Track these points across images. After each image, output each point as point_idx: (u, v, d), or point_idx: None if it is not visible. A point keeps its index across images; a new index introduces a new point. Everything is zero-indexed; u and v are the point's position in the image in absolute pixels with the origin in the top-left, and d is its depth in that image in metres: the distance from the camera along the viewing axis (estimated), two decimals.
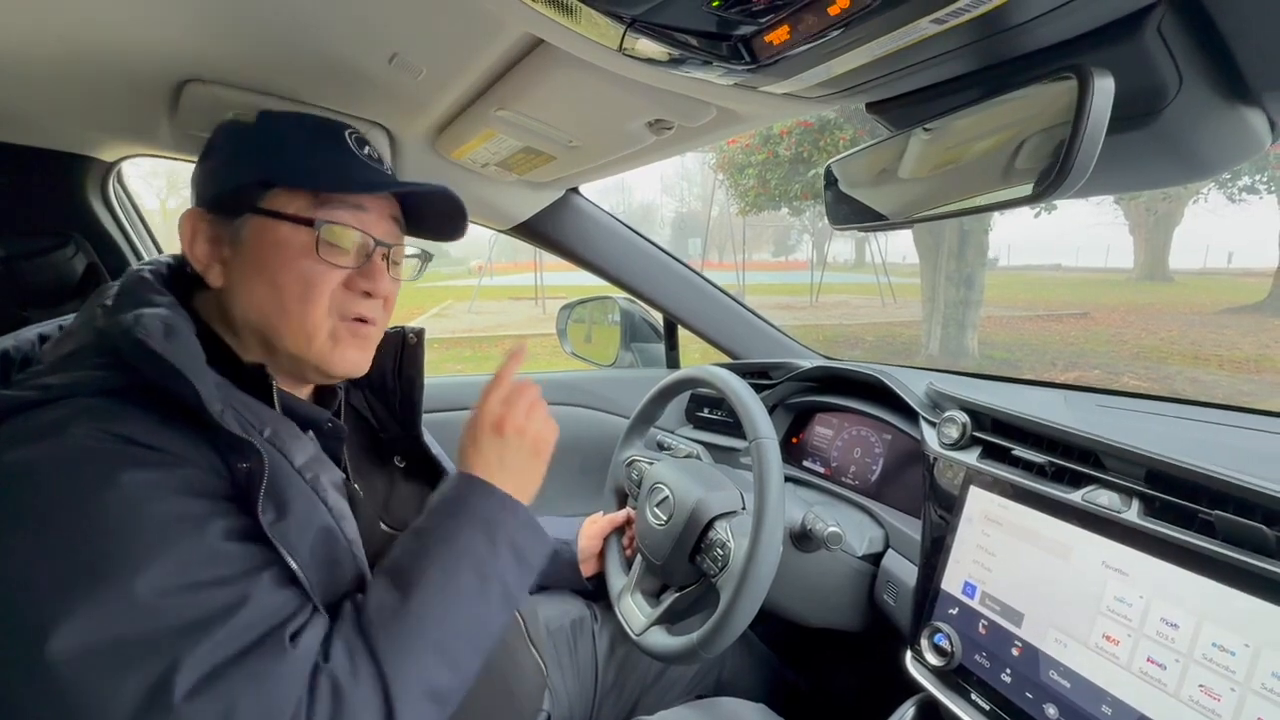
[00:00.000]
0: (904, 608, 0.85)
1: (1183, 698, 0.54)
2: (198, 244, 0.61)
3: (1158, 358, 7.88)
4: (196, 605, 0.45)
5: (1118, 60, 0.46)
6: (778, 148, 7.81)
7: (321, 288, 0.61)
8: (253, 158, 0.62)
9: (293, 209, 0.60)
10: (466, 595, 0.57)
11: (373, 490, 0.73)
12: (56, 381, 0.51)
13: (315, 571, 0.54)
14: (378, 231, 0.64)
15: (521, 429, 0.69)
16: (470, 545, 0.59)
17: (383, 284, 0.65)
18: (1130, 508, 0.63)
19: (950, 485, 0.82)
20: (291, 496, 0.54)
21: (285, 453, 0.57)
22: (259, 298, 0.60)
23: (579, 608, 1.04)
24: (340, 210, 0.61)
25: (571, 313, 1.75)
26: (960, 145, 0.59)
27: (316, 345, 0.62)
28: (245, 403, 0.57)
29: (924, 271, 7.99)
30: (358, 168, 0.64)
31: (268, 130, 0.64)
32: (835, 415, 1.19)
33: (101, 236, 1.19)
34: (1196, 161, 0.55)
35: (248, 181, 0.60)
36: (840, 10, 0.45)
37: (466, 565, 0.58)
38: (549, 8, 0.53)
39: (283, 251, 0.60)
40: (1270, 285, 10.56)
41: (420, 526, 0.61)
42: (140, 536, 0.45)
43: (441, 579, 0.56)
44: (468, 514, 0.61)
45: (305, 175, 0.61)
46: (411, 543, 0.60)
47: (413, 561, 0.57)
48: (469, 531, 0.60)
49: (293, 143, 0.63)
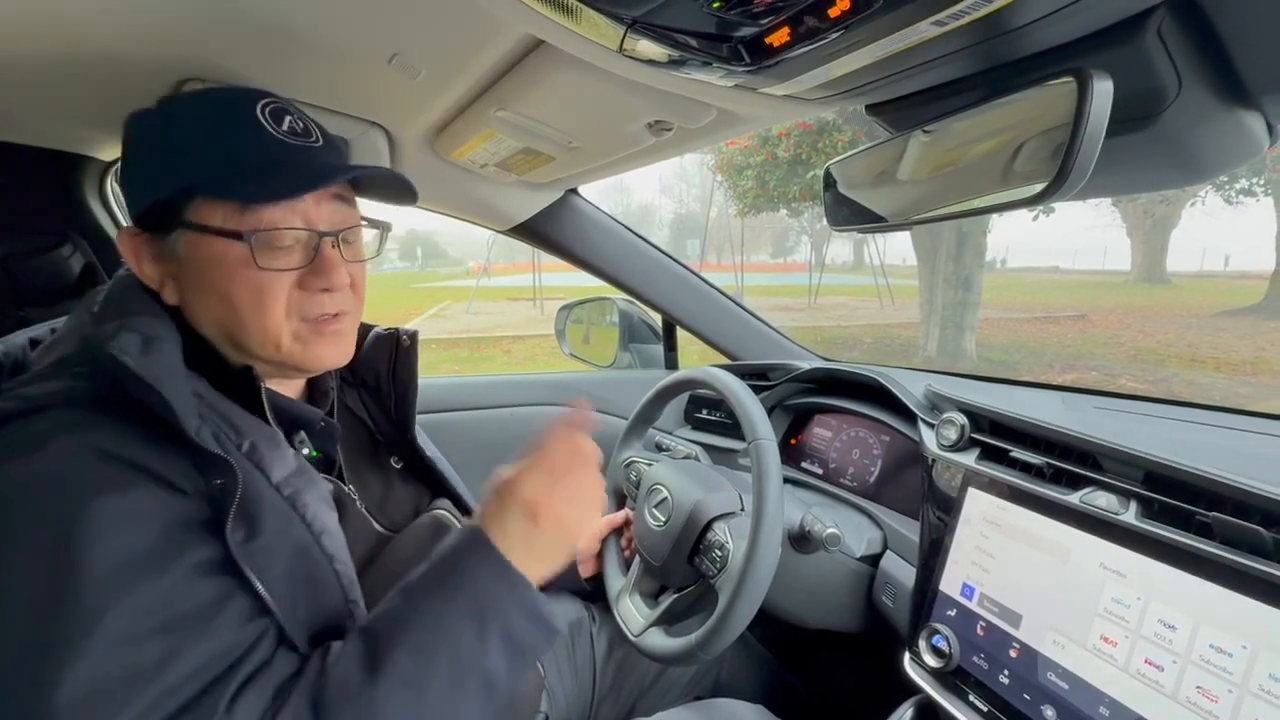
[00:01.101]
0: (902, 609, 0.85)
1: (1180, 699, 0.54)
2: (144, 264, 0.59)
3: (1155, 360, 7.90)
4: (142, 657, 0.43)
5: (1117, 63, 0.46)
6: (776, 149, 7.82)
7: (273, 295, 0.57)
8: (166, 161, 0.57)
9: (218, 220, 0.56)
10: (437, 690, 0.50)
11: (368, 491, 0.72)
12: (37, 392, 0.50)
13: (290, 593, 0.52)
14: (320, 220, 0.59)
15: (561, 519, 0.58)
16: (455, 629, 0.52)
17: (338, 276, 0.60)
18: (1128, 509, 0.63)
19: (948, 487, 0.82)
20: (265, 514, 0.52)
21: (263, 468, 0.55)
22: (214, 312, 0.58)
23: (577, 609, 1.04)
24: (271, 211, 0.56)
25: (570, 314, 1.75)
26: (960, 147, 0.59)
27: (285, 349, 0.60)
28: (227, 413, 0.56)
29: (922, 273, 8.00)
30: (281, 152, 0.58)
31: (174, 124, 0.58)
32: (834, 417, 1.19)
33: (99, 236, 1.19)
34: (1195, 164, 0.55)
35: (169, 193, 0.56)
36: (840, 12, 0.45)
37: (445, 653, 0.51)
38: (549, 8, 0.53)
39: (222, 266, 0.56)
40: (1267, 288, 10.60)
41: (412, 587, 0.55)
42: (99, 582, 0.44)
43: (412, 667, 0.50)
44: (463, 588, 0.54)
45: (223, 181, 0.56)
46: (397, 606, 0.54)
47: (389, 635, 0.51)
48: (458, 613, 0.53)
49: (202, 137, 0.57)
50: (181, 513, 0.49)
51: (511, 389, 1.49)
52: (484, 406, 1.43)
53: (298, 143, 0.59)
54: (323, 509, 0.58)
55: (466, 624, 0.53)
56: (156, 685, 0.43)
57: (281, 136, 0.58)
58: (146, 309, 0.56)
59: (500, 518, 0.58)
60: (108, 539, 0.45)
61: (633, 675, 1.00)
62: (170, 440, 0.50)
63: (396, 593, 0.55)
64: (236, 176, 0.56)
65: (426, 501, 0.80)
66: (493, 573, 0.55)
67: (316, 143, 0.61)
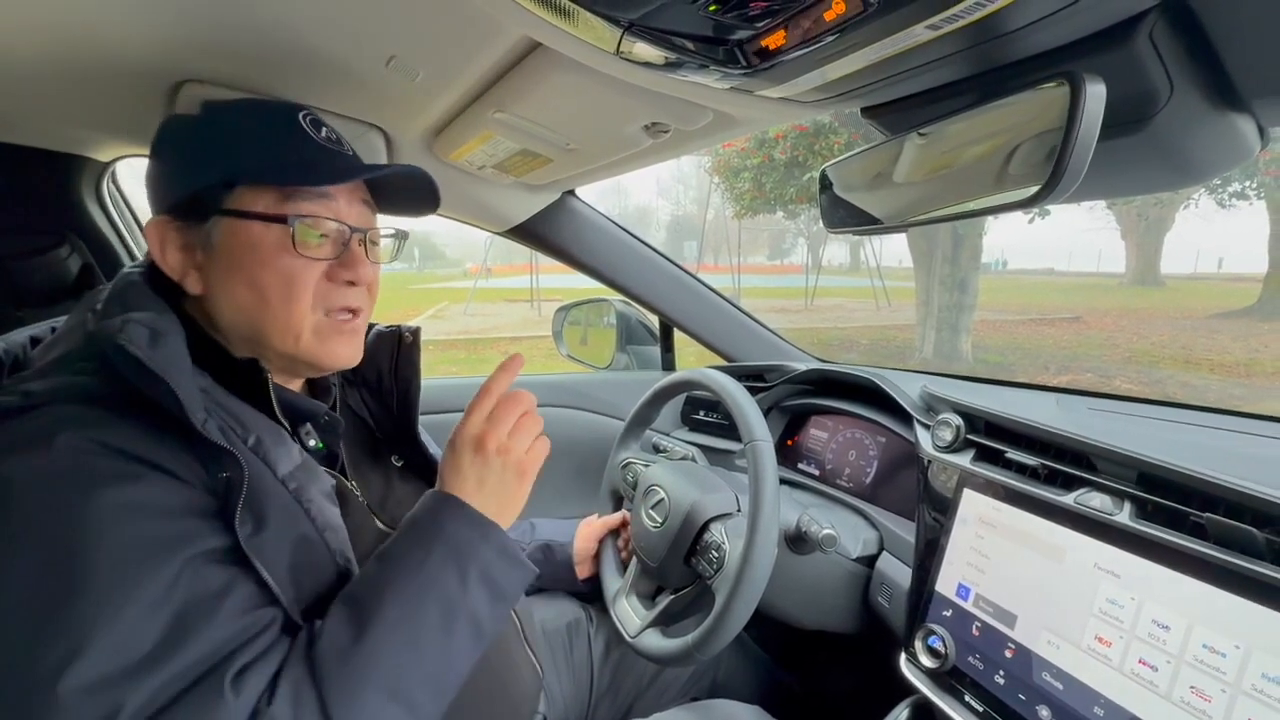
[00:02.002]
0: (898, 610, 0.85)
1: (1174, 699, 0.54)
2: (169, 253, 0.60)
3: (1149, 361, 7.93)
4: (148, 643, 0.44)
5: (1110, 67, 0.46)
6: (773, 151, 7.84)
7: (304, 283, 0.60)
8: (209, 156, 0.59)
9: (260, 206, 0.58)
10: (429, 634, 0.53)
11: (369, 489, 0.73)
12: (40, 387, 0.50)
13: (296, 586, 0.53)
14: (351, 218, 0.63)
15: (505, 448, 0.63)
16: (438, 577, 0.55)
17: (364, 270, 0.63)
18: (1122, 510, 0.63)
19: (944, 488, 0.82)
20: (272, 508, 0.53)
21: (269, 461, 0.56)
22: (241, 300, 0.59)
23: (574, 610, 1.04)
24: (309, 202, 0.60)
25: (567, 315, 1.75)
26: (955, 150, 0.59)
27: (304, 342, 0.61)
28: (232, 408, 0.57)
29: (918, 275, 8.03)
30: (320, 154, 0.62)
31: (218, 124, 0.61)
32: (830, 418, 1.19)
33: (96, 237, 1.19)
34: (1187, 167, 0.56)
35: (209, 183, 0.58)
36: (836, 16, 0.46)
37: (431, 600, 0.54)
38: (547, 11, 0.53)
39: (259, 251, 0.58)
40: (1260, 290, 10.64)
41: (386, 551, 0.57)
42: (106, 571, 0.44)
43: (400, 616, 0.52)
44: (439, 539, 0.57)
45: (268, 170, 0.59)
46: (375, 570, 0.56)
47: (373, 593, 0.53)
48: (437, 561, 0.56)
49: (247, 135, 0.61)
50: (187, 503, 0.50)
51: None
52: None
53: (333, 149, 0.64)
54: (326, 504, 0.59)
55: (448, 571, 0.56)
56: (165, 669, 0.44)
57: (321, 142, 0.63)
58: (152, 304, 0.56)
59: (453, 465, 0.63)
60: (113, 529, 0.46)
61: (630, 676, 1.00)
62: (175, 434, 0.51)
63: (372, 560, 0.57)
64: (281, 167, 0.60)
65: None
66: (459, 520, 0.59)
67: (348, 152, 0.66)
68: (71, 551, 0.44)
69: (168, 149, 0.62)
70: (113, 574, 0.44)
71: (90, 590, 0.44)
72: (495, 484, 0.63)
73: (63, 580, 0.44)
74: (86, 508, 0.45)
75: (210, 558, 0.49)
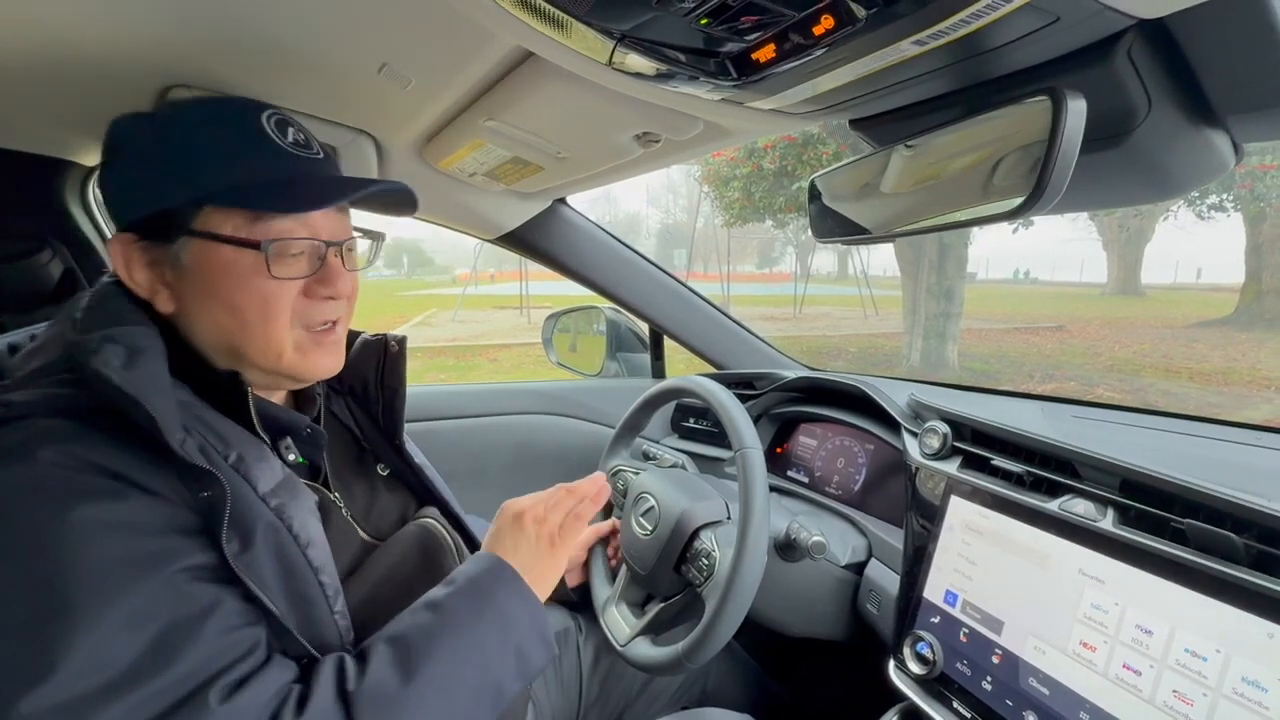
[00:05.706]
0: (886, 617, 0.86)
1: (1157, 703, 0.55)
2: (135, 271, 0.58)
3: (1131, 370, 8.05)
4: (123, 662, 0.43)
5: (1090, 83, 0.47)
6: (762, 161, 7.90)
7: (281, 303, 0.58)
8: (173, 171, 0.56)
9: (230, 229, 0.56)
10: (463, 691, 0.55)
11: (353, 499, 0.72)
12: (19, 399, 0.49)
13: (285, 602, 0.53)
14: (325, 232, 0.60)
15: (540, 519, 0.71)
16: (484, 641, 0.58)
17: (343, 283, 0.62)
18: (1105, 516, 0.64)
19: (931, 495, 0.83)
20: (254, 526, 0.53)
21: (250, 479, 0.55)
22: (218, 320, 0.58)
23: (563, 619, 1.03)
24: (283, 222, 0.57)
25: (557, 322, 1.75)
26: (940, 162, 0.60)
27: (286, 359, 0.60)
28: (212, 423, 0.56)
29: (905, 284, 8.11)
30: (291, 166, 0.59)
31: (177, 131, 0.57)
32: (819, 425, 1.20)
33: (79, 242, 1.17)
34: (1165, 181, 0.57)
35: (175, 205, 0.56)
36: (825, 30, 0.46)
37: (474, 661, 0.57)
38: (540, 21, 0.53)
39: (232, 274, 0.56)
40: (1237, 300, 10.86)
41: (439, 602, 0.59)
42: (83, 589, 0.44)
43: (446, 671, 0.55)
44: (491, 603, 0.60)
45: (238, 192, 0.56)
46: (426, 618, 0.58)
47: (424, 641, 0.55)
48: (487, 625, 0.59)
49: (211, 148, 0.57)
50: (170, 520, 0.49)
51: (499, 397, 1.48)
52: (471, 415, 1.42)
53: (303, 155, 0.60)
54: (309, 520, 0.58)
55: (493, 637, 0.59)
56: (143, 688, 0.43)
57: (288, 149, 0.59)
58: (131, 317, 0.56)
59: (494, 530, 0.70)
60: (93, 546, 0.45)
61: (619, 685, 1.00)
62: (155, 451, 0.50)
63: (423, 607, 0.59)
64: (251, 189, 0.57)
65: (413, 509, 0.79)
66: (513, 592, 0.63)
67: (317, 155, 0.62)
68: (48, 568, 0.44)
69: (126, 157, 0.59)
70: (90, 592, 0.44)
71: (66, 609, 0.43)
72: (526, 551, 0.68)
73: (38, 598, 0.43)
74: (66, 524, 0.45)
75: (195, 574, 0.49)
